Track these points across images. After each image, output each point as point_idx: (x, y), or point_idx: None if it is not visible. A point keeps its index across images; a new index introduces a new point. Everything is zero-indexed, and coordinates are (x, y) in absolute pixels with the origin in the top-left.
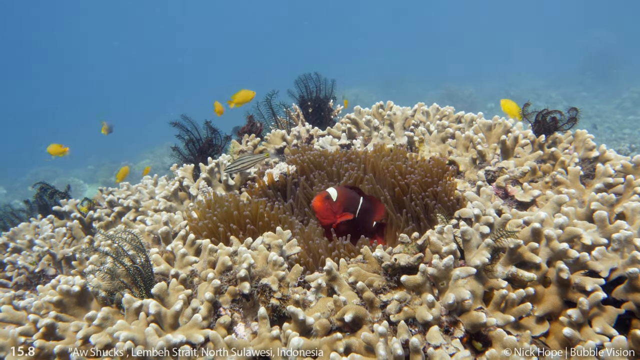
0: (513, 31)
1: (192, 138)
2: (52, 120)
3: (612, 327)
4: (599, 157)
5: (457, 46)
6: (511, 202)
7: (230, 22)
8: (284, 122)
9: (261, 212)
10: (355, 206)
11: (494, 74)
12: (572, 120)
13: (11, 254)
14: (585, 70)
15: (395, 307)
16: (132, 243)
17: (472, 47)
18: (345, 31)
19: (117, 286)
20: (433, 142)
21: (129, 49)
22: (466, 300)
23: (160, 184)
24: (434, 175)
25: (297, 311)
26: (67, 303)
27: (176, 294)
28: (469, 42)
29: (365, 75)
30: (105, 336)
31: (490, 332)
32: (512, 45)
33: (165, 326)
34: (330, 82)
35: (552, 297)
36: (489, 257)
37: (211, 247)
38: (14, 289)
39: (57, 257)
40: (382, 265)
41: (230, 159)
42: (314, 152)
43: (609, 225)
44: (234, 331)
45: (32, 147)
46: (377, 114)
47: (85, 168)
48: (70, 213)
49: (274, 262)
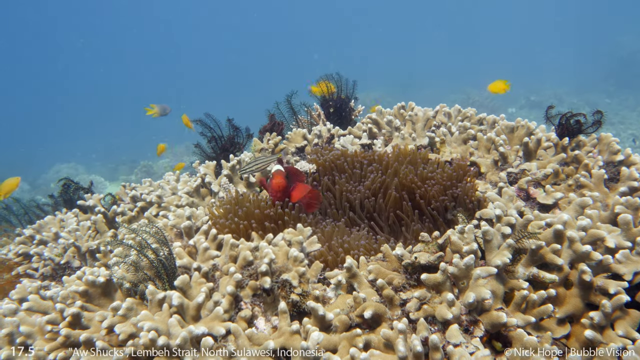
0: (536, 37)
1: (214, 136)
2: (75, 118)
3: (635, 331)
4: (623, 161)
5: (479, 51)
6: (533, 204)
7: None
8: (305, 122)
9: (280, 212)
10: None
11: (515, 80)
12: (596, 124)
13: (37, 246)
14: (609, 77)
15: (415, 305)
16: (156, 236)
17: (493, 52)
18: (365, 35)
19: (141, 278)
20: (454, 143)
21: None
22: (486, 299)
23: (182, 180)
24: (454, 178)
25: (317, 306)
26: (93, 293)
27: (198, 287)
28: (490, 47)
29: (385, 80)
30: (129, 326)
31: (510, 332)
32: (534, 51)
33: (187, 318)
34: (351, 83)
35: (574, 299)
36: (510, 258)
37: (233, 242)
38: (40, 279)
39: (82, 250)
40: (402, 263)
41: (252, 157)
42: (334, 152)
43: (634, 228)
44: (255, 325)
45: (54, 144)
46: (399, 114)
47: (106, 166)
48: (94, 207)
49: (295, 258)
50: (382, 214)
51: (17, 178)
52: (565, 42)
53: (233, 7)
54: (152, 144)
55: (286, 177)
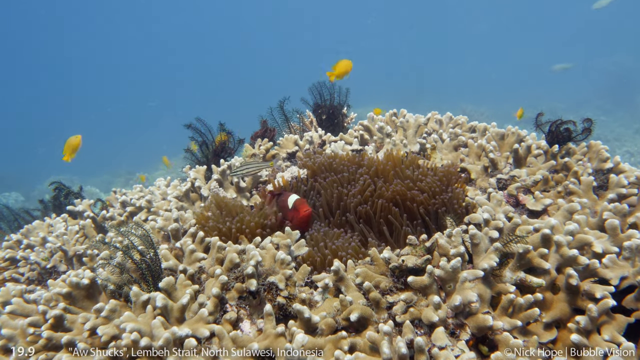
0: (531, 54)
1: (205, 141)
2: (70, 130)
3: (621, 336)
4: (613, 169)
5: (474, 67)
6: (522, 210)
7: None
8: (297, 129)
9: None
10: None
11: (510, 96)
12: (586, 131)
13: (24, 250)
14: (605, 95)
15: (402, 308)
16: (143, 238)
17: (488, 68)
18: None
19: (126, 280)
20: (445, 150)
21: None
22: (473, 302)
23: (172, 185)
24: (444, 183)
25: (302, 309)
26: (77, 295)
27: (183, 289)
28: (486, 63)
29: (379, 96)
30: (112, 328)
31: (496, 336)
32: (529, 67)
33: (171, 320)
34: (344, 90)
35: (561, 304)
36: (497, 261)
37: (220, 244)
38: (26, 284)
39: (69, 254)
40: (389, 266)
41: (242, 161)
42: (325, 155)
43: (621, 234)
44: (240, 328)
45: (49, 156)
46: (390, 121)
47: (101, 178)
48: (83, 213)
49: (282, 260)
50: (371, 219)
51: (78, 136)
52: (561, 60)
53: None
54: (148, 157)
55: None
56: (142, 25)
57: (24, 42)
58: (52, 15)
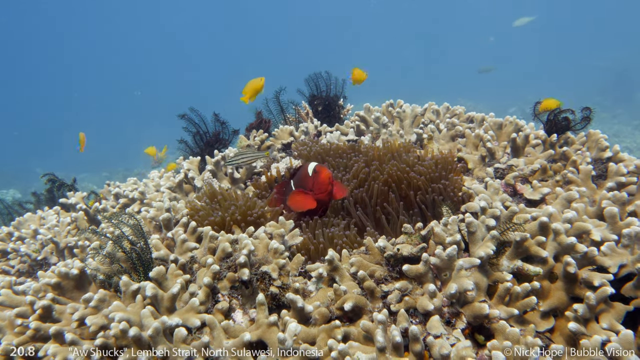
0: (531, 52)
1: (199, 131)
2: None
3: (619, 324)
4: (612, 158)
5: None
6: (520, 199)
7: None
8: (292, 120)
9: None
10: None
11: (510, 94)
12: (585, 120)
13: (15, 242)
14: (604, 92)
15: (396, 297)
16: (134, 228)
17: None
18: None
19: (116, 270)
20: (442, 140)
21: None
22: (469, 291)
23: (165, 176)
24: (441, 170)
25: (296, 298)
26: (66, 286)
27: (174, 278)
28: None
29: (379, 94)
30: (100, 318)
31: (493, 324)
32: (529, 65)
33: (161, 309)
34: (340, 81)
35: (559, 292)
36: (494, 249)
37: (212, 234)
38: (16, 276)
39: (60, 246)
40: (384, 255)
41: (237, 152)
42: (321, 144)
43: (620, 222)
44: (232, 317)
45: (47, 154)
46: (387, 112)
47: (99, 175)
48: (76, 205)
49: (275, 249)
50: (367, 205)
51: (261, 78)
52: (561, 57)
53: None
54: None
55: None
56: (141, 21)
57: (24, 43)
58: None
